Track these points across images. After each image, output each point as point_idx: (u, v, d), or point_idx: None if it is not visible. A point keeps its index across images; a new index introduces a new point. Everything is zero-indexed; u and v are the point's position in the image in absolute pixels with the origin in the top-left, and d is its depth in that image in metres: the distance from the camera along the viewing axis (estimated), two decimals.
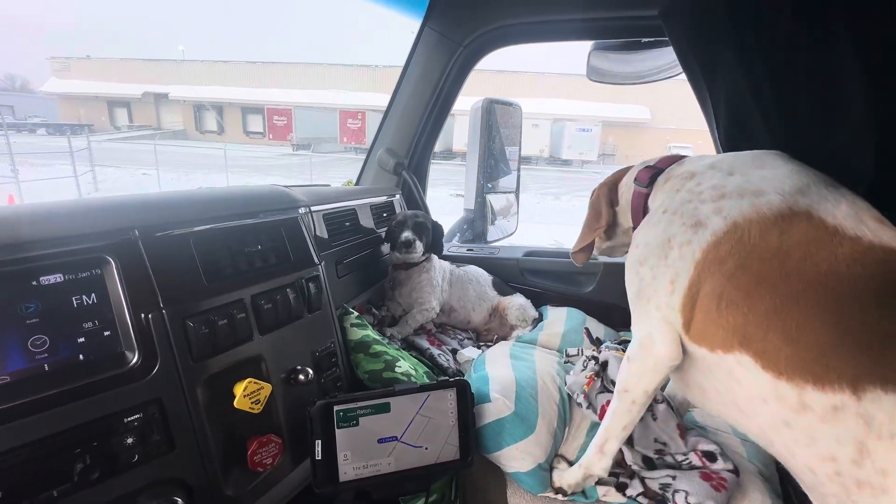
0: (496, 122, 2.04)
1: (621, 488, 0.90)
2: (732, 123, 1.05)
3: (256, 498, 0.79)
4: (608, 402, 0.90)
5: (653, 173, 0.92)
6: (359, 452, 0.86)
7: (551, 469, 0.96)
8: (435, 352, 1.30)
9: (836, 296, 0.58)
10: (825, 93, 0.90)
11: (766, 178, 0.71)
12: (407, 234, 1.35)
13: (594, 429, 0.97)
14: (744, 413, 0.70)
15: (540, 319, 1.50)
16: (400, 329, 1.35)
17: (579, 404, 1.05)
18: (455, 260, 1.64)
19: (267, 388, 0.79)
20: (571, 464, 0.95)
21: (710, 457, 0.92)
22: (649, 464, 0.94)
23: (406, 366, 1.08)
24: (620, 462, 0.95)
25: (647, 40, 1.44)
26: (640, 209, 0.94)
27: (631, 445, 0.96)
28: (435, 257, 1.49)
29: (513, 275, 1.67)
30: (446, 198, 8.77)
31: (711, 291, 0.68)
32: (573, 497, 0.91)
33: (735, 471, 0.90)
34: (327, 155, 20.12)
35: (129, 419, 0.63)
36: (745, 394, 0.66)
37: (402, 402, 0.89)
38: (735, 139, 1.03)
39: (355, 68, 26.75)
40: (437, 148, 1.82)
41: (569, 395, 1.10)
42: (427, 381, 1.07)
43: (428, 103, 1.60)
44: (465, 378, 1.02)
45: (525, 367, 1.13)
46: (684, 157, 0.95)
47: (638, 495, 0.88)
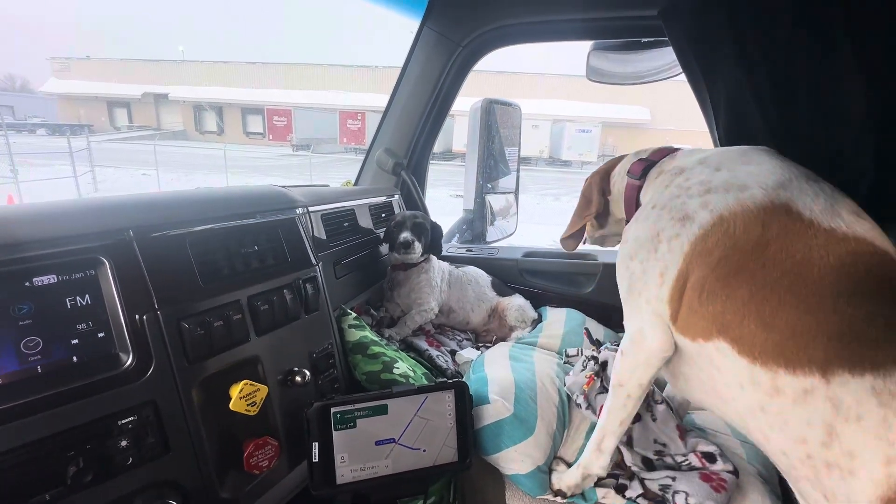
0: (496, 122, 2.03)
1: (621, 490, 0.89)
2: (732, 123, 1.05)
3: (252, 501, 0.78)
4: None
5: (645, 166, 0.93)
6: (356, 454, 0.85)
7: (550, 471, 0.95)
8: (433, 353, 1.29)
9: (808, 284, 0.60)
10: (825, 93, 0.90)
11: (750, 174, 0.73)
12: (406, 235, 1.35)
13: (593, 430, 0.97)
14: (724, 400, 0.72)
15: (539, 320, 1.49)
16: (398, 330, 1.34)
17: (578, 405, 1.05)
18: (454, 260, 1.63)
19: (263, 390, 0.78)
20: (570, 466, 0.95)
21: (710, 458, 0.92)
22: (649, 465, 0.94)
23: (404, 367, 1.07)
24: (620, 463, 0.94)
25: (646, 40, 1.44)
26: (633, 201, 0.95)
27: (630, 446, 0.96)
28: (434, 258, 1.48)
29: (512, 275, 1.67)
30: (446, 198, 8.77)
31: (696, 282, 0.70)
32: (572, 499, 0.91)
33: (735, 472, 0.89)
34: (327, 155, 20.13)
35: (124, 421, 0.63)
36: (724, 380, 0.68)
37: (399, 403, 0.89)
38: (735, 139, 1.03)
39: (355, 69, 26.77)
40: (437, 148, 1.82)
41: (568, 396, 1.09)
42: (425, 382, 1.06)
43: (427, 103, 1.60)
44: (463, 380, 1.01)
45: (524, 369, 1.12)
46: (677, 149, 0.95)
47: (637, 497, 0.87)
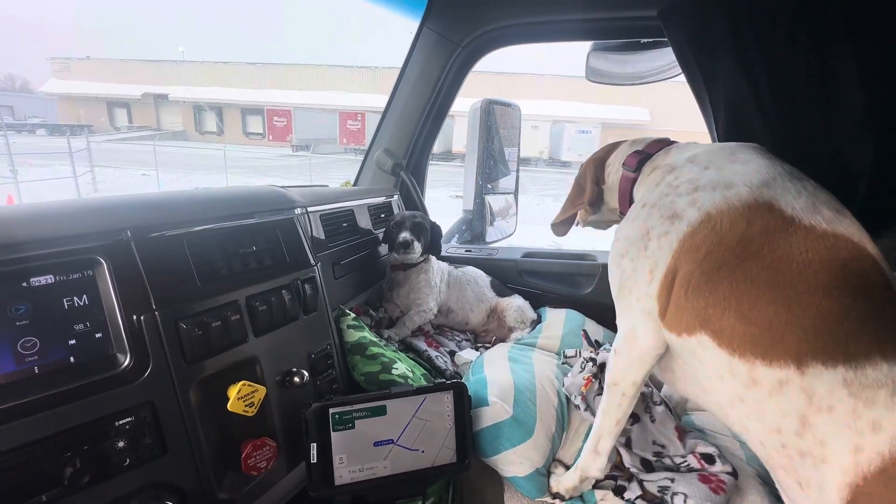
0: (495, 123, 2.03)
1: (619, 492, 0.89)
2: (731, 124, 1.05)
3: (250, 502, 0.78)
4: None
5: (640, 158, 0.94)
6: (354, 456, 0.85)
7: (549, 474, 0.95)
8: (432, 353, 1.29)
9: (786, 279, 0.62)
10: (824, 93, 0.90)
11: (737, 173, 0.74)
12: (405, 235, 1.35)
13: None
14: (706, 391, 0.74)
15: (538, 321, 1.49)
16: (397, 331, 1.34)
17: (577, 406, 1.04)
18: (453, 261, 1.63)
19: (261, 391, 0.78)
20: (569, 468, 0.95)
21: (709, 459, 0.92)
22: (647, 466, 0.93)
23: (403, 368, 1.07)
24: (619, 465, 0.94)
25: (646, 41, 1.44)
26: (627, 194, 0.95)
27: (629, 448, 0.95)
28: (433, 258, 1.48)
29: (511, 276, 1.67)
30: (445, 199, 8.76)
31: (683, 278, 0.71)
32: (570, 502, 0.91)
33: (734, 473, 0.89)
34: (327, 156, 20.12)
35: (121, 422, 0.62)
36: (706, 373, 0.70)
37: (398, 404, 0.88)
38: (734, 140, 1.02)
39: (355, 69, 26.77)
40: (437, 149, 1.82)
41: (567, 398, 1.09)
42: (424, 383, 1.06)
43: (426, 104, 1.59)
44: (461, 380, 1.01)
45: (524, 371, 1.12)
46: (673, 143, 0.95)
47: (636, 498, 0.87)
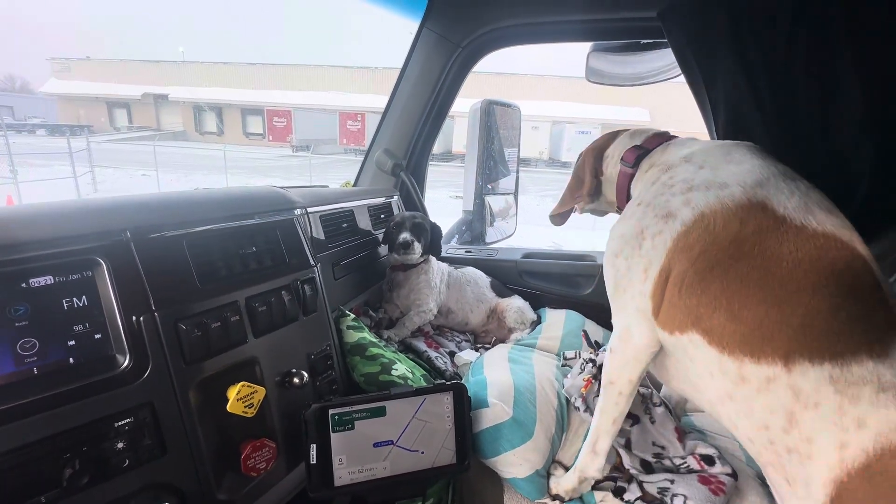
0: (495, 123, 2.03)
1: (619, 493, 0.89)
2: (731, 124, 1.05)
3: (250, 503, 0.78)
4: None
5: (639, 154, 0.93)
6: (354, 457, 0.85)
7: (548, 475, 0.95)
8: (432, 354, 1.29)
9: (776, 278, 0.63)
10: (824, 94, 0.90)
11: (731, 173, 0.74)
12: (405, 236, 1.35)
13: None
14: (697, 389, 0.75)
15: (538, 322, 1.49)
16: (397, 331, 1.34)
17: (577, 407, 1.04)
18: (453, 261, 1.63)
19: (261, 392, 0.78)
20: (568, 469, 0.94)
21: (709, 460, 0.92)
22: (647, 468, 0.93)
23: (403, 369, 1.07)
24: (618, 466, 0.94)
25: (645, 42, 1.44)
26: (625, 189, 0.95)
27: (629, 449, 0.95)
28: (433, 259, 1.48)
29: (511, 277, 1.67)
30: (445, 199, 8.76)
31: (676, 277, 0.71)
32: (570, 503, 0.90)
33: (733, 474, 0.89)
34: (327, 156, 20.13)
35: (120, 423, 0.62)
36: (697, 370, 0.71)
37: (398, 405, 0.88)
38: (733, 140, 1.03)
39: (355, 70, 26.78)
40: (437, 149, 1.82)
41: (567, 399, 1.09)
42: (424, 384, 1.06)
43: (426, 104, 1.59)
44: (461, 381, 1.01)
45: (524, 372, 1.12)
46: (672, 138, 0.94)
47: (636, 500, 0.87)
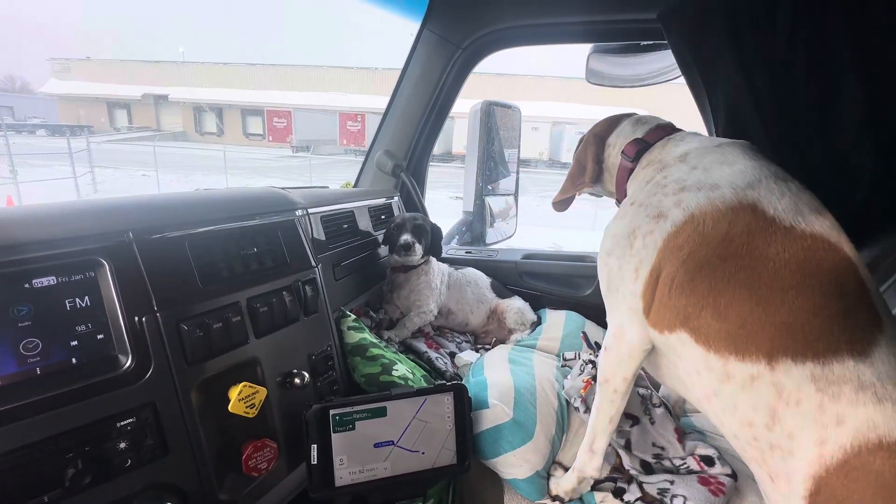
0: (495, 124, 2.04)
1: (619, 493, 0.89)
2: (731, 125, 1.06)
3: (251, 503, 0.78)
4: None
5: (639, 148, 0.93)
6: (355, 457, 0.85)
7: (549, 476, 0.95)
8: (433, 355, 1.29)
9: (762, 278, 0.64)
10: (824, 96, 0.90)
11: (723, 173, 0.75)
12: (406, 237, 1.35)
13: None
14: (686, 386, 0.76)
15: (538, 323, 1.49)
16: (398, 332, 1.34)
17: (576, 409, 1.05)
18: (453, 262, 1.63)
19: (262, 392, 0.78)
20: (568, 470, 0.95)
21: (708, 461, 0.92)
22: (647, 468, 0.94)
23: (403, 369, 1.07)
24: (618, 466, 0.94)
25: (645, 43, 1.44)
26: (624, 183, 0.95)
27: (629, 450, 0.95)
28: (433, 260, 1.48)
29: (511, 277, 1.67)
30: (445, 200, 8.76)
31: (666, 276, 0.72)
32: None
33: (733, 475, 0.89)
34: (327, 157, 20.13)
35: (122, 423, 0.63)
36: (685, 368, 0.72)
37: (398, 406, 0.89)
38: None
39: (355, 71, 26.80)
40: (436, 150, 1.82)
41: (567, 401, 1.09)
42: (424, 384, 1.06)
43: (427, 105, 1.60)
44: (462, 382, 1.01)
45: (524, 373, 1.12)
46: (675, 130, 0.93)
47: (636, 500, 0.87)
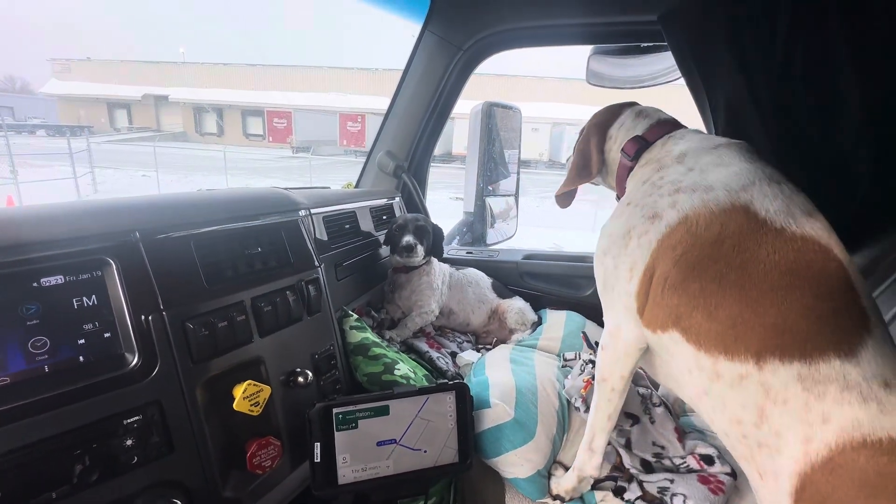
0: (496, 125, 2.04)
1: (619, 492, 0.90)
2: (731, 127, 1.06)
3: (255, 500, 0.79)
4: None
5: (639, 146, 0.93)
6: (358, 455, 0.86)
7: (549, 476, 0.96)
8: (434, 355, 1.30)
9: (752, 279, 0.65)
10: (824, 97, 0.91)
11: (718, 175, 0.75)
12: (408, 239, 1.35)
13: None
14: (679, 384, 0.77)
15: (539, 323, 1.50)
16: (399, 332, 1.35)
17: (577, 408, 1.05)
18: (454, 263, 1.64)
19: (266, 391, 0.79)
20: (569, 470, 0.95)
21: (708, 460, 0.93)
22: (647, 467, 0.94)
23: (405, 369, 1.08)
24: (618, 466, 0.95)
25: (646, 45, 1.45)
26: (624, 181, 0.95)
27: (629, 449, 0.96)
28: (435, 260, 1.49)
29: (512, 278, 1.67)
30: (446, 201, 8.76)
31: (660, 277, 0.73)
32: (571, 503, 0.91)
33: (733, 474, 0.90)
34: (327, 158, 20.14)
35: (129, 421, 0.63)
36: (678, 367, 0.73)
37: (401, 404, 0.89)
38: None
39: (355, 71, 26.79)
40: (437, 151, 1.83)
41: (567, 400, 1.10)
42: (426, 384, 1.07)
43: (428, 106, 1.61)
44: (464, 381, 1.02)
45: (525, 373, 1.13)
46: (676, 127, 0.94)
47: (636, 499, 0.88)
